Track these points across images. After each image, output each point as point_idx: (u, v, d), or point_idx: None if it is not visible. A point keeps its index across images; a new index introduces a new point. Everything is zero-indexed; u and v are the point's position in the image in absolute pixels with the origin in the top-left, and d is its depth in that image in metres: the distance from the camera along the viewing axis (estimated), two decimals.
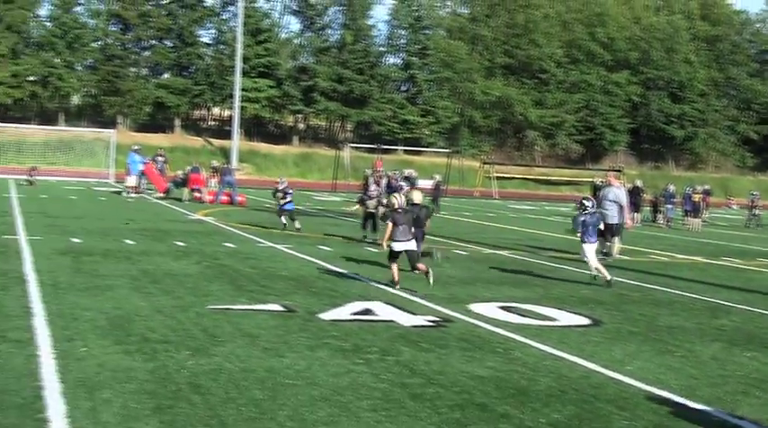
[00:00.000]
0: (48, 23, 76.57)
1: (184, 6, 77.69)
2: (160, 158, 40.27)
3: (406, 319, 11.63)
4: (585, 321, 12.33)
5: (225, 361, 8.76)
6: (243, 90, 68.86)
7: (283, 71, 78.63)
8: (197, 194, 35.17)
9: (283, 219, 24.72)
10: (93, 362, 8.38)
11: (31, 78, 73.28)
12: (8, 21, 71.91)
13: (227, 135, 73.20)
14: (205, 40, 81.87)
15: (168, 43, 78.23)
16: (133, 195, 36.65)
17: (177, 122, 79.20)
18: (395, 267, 14.45)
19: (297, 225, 24.30)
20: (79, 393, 7.37)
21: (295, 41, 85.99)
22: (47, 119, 74.55)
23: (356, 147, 66.33)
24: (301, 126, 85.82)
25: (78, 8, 77.46)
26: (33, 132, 62.71)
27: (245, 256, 17.86)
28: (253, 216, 29.27)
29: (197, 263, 16.40)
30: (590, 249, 16.15)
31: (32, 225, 21.77)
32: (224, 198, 35.62)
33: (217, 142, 74.05)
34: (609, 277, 15.93)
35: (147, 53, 79.35)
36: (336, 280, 15.10)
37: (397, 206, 14.81)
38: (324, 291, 13.72)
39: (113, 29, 78.03)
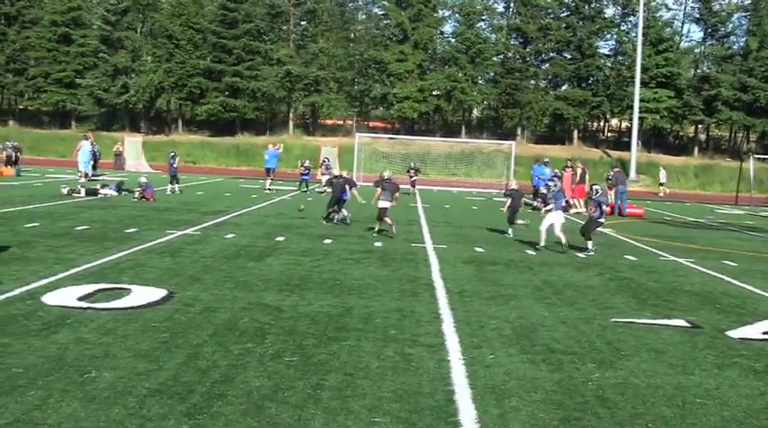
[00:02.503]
0: (452, 39, 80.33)
1: (584, 18, 77.87)
2: (579, 169, 40.21)
3: None
4: None
5: (631, 376, 8.62)
6: (642, 101, 67.67)
7: (684, 81, 76.18)
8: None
9: None
10: (500, 370, 8.57)
11: (436, 93, 77.11)
12: (416, 38, 76.25)
13: (624, 146, 72.40)
14: (604, 51, 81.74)
15: (567, 55, 78.77)
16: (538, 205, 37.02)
17: (575, 134, 79.57)
18: (379, 221, 21.80)
19: None
20: (488, 399, 7.57)
21: (696, 50, 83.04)
22: (449, 131, 78.17)
23: (761, 159, 62.67)
24: (702, 136, 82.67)
25: (481, 24, 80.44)
26: (437, 144, 65.83)
27: (646, 270, 17.49)
28: (652, 228, 28.59)
29: (599, 274, 16.31)
30: (552, 217, 20.11)
31: (438, 234, 22.75)
32: (630, 210, 35.27)
33: (615, 153, 73.32)
34: (564, 240, 19.77)
35: (546, 65, 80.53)
36: (744, 297, 14.37)
37: (386, 177, 21.98)
38: (730, 308, 13.11)
39: (514, 42, 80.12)
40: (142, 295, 11.68)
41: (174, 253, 16.25)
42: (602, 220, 20.77)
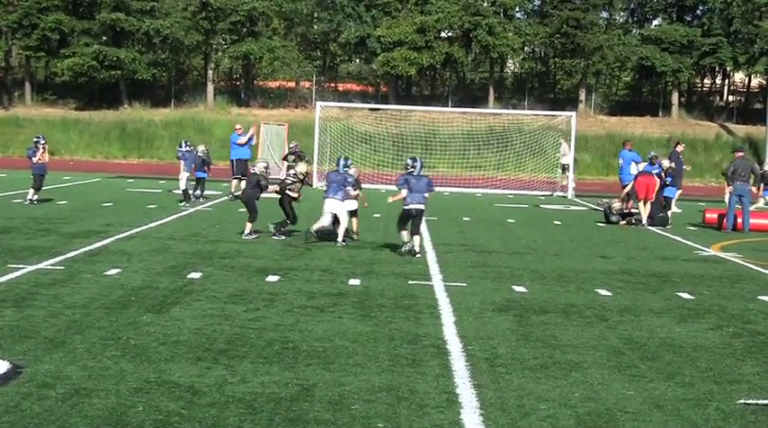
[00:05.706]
0: None
1: None
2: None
3: None
4: None
5: None
6: None
7: None
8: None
9: None
10: None
11: (446, 34, 77.46)
12: None
13: (756, 116, 72.65)
14: None
15: None
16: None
17: (674, 98, 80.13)
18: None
19: None
20: None
21: None
22: (468, 97, 78.44)
23: None
24: None
25: None
26: (449, 118, 66.29)
27: None
28: None
29: (716, 327, 16.35)
30: (331, 206, 25.30)
31: (452, 264, 22.78)
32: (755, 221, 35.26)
33: (739, 128, 73.81)
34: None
35: None
36: None
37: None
38: None
39: None
40: None
41: (20, 301, 16.21)
42: None
